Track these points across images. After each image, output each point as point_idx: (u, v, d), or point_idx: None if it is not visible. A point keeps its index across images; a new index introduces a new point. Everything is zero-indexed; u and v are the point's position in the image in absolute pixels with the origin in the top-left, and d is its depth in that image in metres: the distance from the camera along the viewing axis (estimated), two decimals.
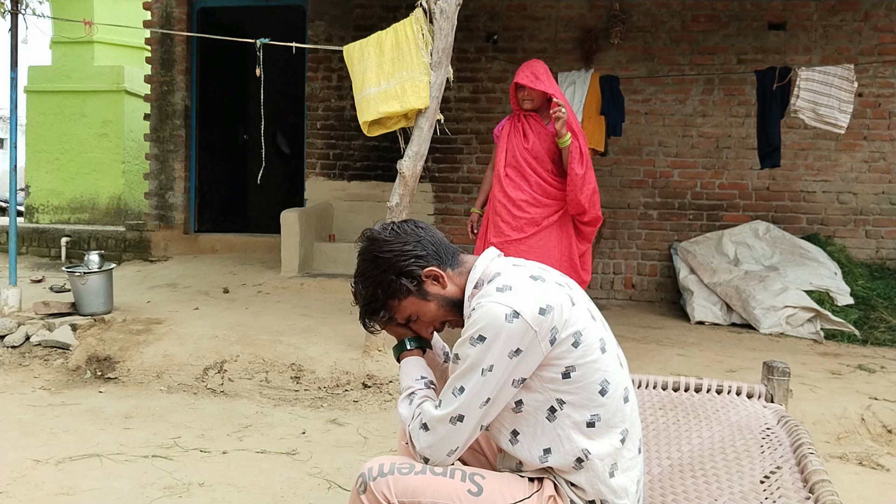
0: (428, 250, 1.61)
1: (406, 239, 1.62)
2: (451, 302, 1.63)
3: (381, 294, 1.62)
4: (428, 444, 1.53)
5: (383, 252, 1.60)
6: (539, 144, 3.90)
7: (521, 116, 3.98)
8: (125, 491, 2.80)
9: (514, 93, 3.93)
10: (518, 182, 3.91)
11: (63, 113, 9.53)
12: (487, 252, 1.67)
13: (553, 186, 3.90)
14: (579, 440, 1.50)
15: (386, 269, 1.60)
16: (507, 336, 1.44)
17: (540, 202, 3.88)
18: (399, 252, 1.60)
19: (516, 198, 3.89)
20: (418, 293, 1.61)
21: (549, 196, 3.90)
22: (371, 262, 1.62)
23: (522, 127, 3.96)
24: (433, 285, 1.62)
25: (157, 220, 7.66)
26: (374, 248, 1.62)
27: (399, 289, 1.60)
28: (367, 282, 1.63)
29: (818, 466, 1.56)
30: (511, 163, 3.96)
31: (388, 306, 1.64)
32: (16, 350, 4.63)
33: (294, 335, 4.59)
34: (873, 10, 6.35)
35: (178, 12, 7.47)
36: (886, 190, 6.42)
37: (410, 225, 1.66)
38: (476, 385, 1.48)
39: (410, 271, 1.59)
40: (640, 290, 6.71)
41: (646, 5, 6.66)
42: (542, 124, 3.92)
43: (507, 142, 3.98)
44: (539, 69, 3.86)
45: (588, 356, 1.49)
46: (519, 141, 3.95)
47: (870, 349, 5.05)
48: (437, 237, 1.66)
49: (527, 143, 3.93)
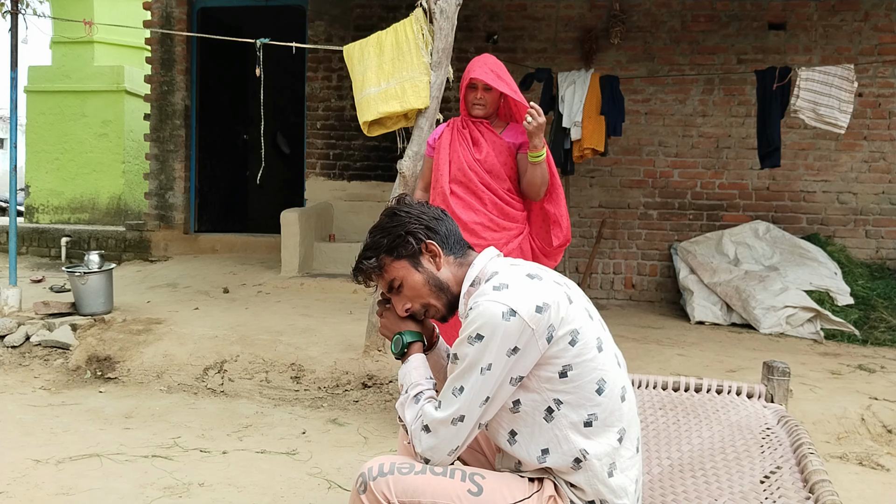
0: (440, 231, 1.69)
1: (427, 212, 1.71)
2: (439, 284, 1.66)
3: (384, 244, 1.66)
4: (429, 445, 1.54)
5: (402, 211, 1.70)
6: (494, 157, 3.25)
7: (468, 123, 3.32)
8: (125, 491, 2.80)
9: (465, 94, 3.28)
10: (469, 201, 3.24)
11: (63, 113, 9.53)
12: (487, 251, 1.69)
13: (512, 207, 3.28)
14: (577, 440, 1.51)
15: (398, 225, 1.67)
16: (505, 334, 1.45)
17: (499, 225, 3.23)
18: (416, 217, 1.68)
19: (469, 220, 3.21)
20: (413, 259, 1.66)
21: (509, 218, 3.26)
22: (389, 216, 1.71)
23: (471, 135, 3.30)
24: (429, 260, 1.66)
25: (157, 220, 7.66)
26: (398, 207, 1.72)
27: (400, 245, 1.65)
28: (377, 231, 1.70)
29: (818, 466, 1.56)
30: (458, 178, 3.28)
31: (381, 259, 1.67)
32: (16, 350, 4.63)
33: (294, 335, 4.59)
34: (873, 10, 6.35)
35: (178, 12, 7.47)
36: (886, 190, 6.42)
37: (437, 209, 1.75)
38: (475, 384, 1.48)
39: (416, 234, 1.66)
40: (640, 290, 6.71)
41: (646, 5, 6.66)
42: (495, 133, 3.29)
43: (449, 152, 3.30)
44: (499, 66, 3.22)
45: (585, 355, 1.50)
46: (467, 152, 3.28)
47: (870, 349, 5.05)
48: (454, 228, 1.73)
49: (478, 153, 3.27)
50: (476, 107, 3.26)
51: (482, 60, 3.22)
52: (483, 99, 3.23)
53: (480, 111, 3.26)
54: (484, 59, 3.22)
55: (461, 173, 3.26)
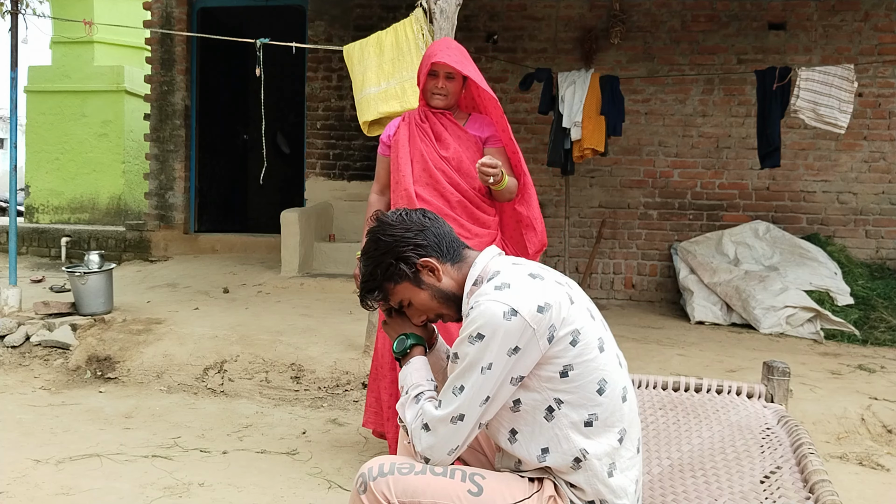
0: (429, 241, 1.64)
1: (409, 226, 1.65)
2: (445, 295, 1.65)
3: (378, 274, 1.65)
4: (429, 444, 1.54)
5: (385, 235, 1.65)
6: (462, 153, 2.91)
7: (428, 115, 2.96)
8: (125, 491, 2.80)
9: (425, 82, 2.92)
10: (438, 205, 2.87)
11: (63, 113, 9.53)
12: (488, 250, 1.69)
13: (484, 211, 2.95)
14: (577, 440, 1.51)
15: (385, 252, 1.64)
16: (506, 334, 1.45)
17: (471, 232, 2.87)
18: (400, 237, 1.63)
19: None
20: (413, 280, 1.64)
21: (481, 223, 2.93)
22: (374, 243, 1.66)
23: (433, 129, 2.95)
24: (428, 276, 1.64)
25: (157, 220, 7.66)
26: (379, 229, 1.67)
27: (395, 273, 1.63)
28: (368, 261, 1.67)
29: (818, 466, 1.56)
30: (422, 178, 2.90)
31: (383, 287, 1.67)
32: (16, 350, 4.63)
33: (294, 335, 4.59)
34: (873, 10, 6.35)
35: (178, 12, 7.47)
36: (886, 190, 6.42)
37: (418, 214, 1.69)
38: (476, 383, 1.48)
39: (407, 258, 1.62)
40: (640, 290, 6.71)
41: (646, 5, 6.66)
42: (459, 126, 2.96)
43: (410, 150, 2.94)
44: (462, 51, 2.90)
45: (586, 355, 1.50)
46: (430, 148, 2.92)
47: (870, 349, 5.05)
48: (444, 230, 1.68)
49: (444, 150, 2.92)
50: (437, 97, 2.91)
51: (444, 44, 2.91)
52: (445, 88, 2.89)
53: (442, 101, 2.92)
54: (446, 43, 2.92)
55: (426, 173, 2.90)
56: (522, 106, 6.81)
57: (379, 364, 3.02)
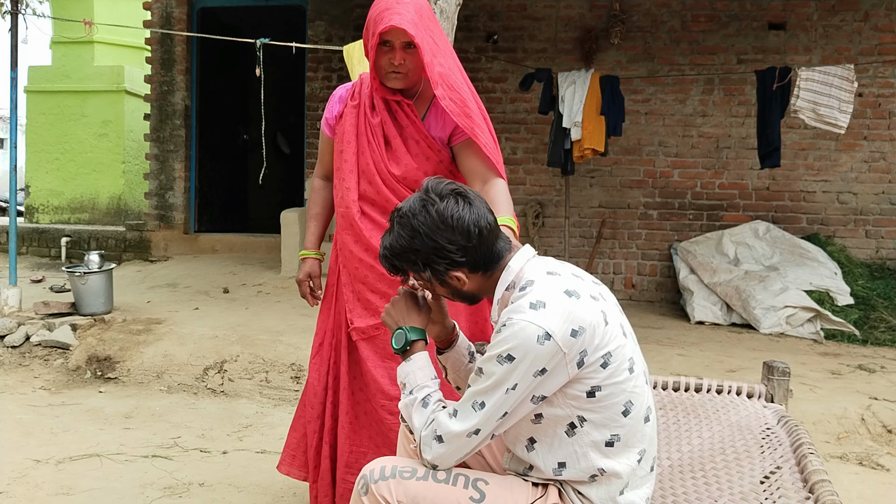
0: (468, 258, 1.52)
1: (454, 238, 1.49)
2: (464, 295, 1.60)
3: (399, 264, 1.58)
4: (440, 454, 1.51)
5: (424, 234, 1.50)
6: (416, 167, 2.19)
7: (380, 104, 2.20)
8: (125, 491, 2.80)
9: (375, 56, 2.14)
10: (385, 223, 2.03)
11: (63, 113, 9.52)
12: (523, 252, 1.58)
13: None
14: (596, 459, 1.49)
15: (416, 250, 1.52)
16: (536, 357, 1.41)
17: None
18: (439, 247, 1.50)
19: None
20: (435, 278, 1.56)
21: None
22: (409, 231, 1.51)
23: (384, 129, 2.20)
24: (454, 281, 1.56)
25: (157, 220, 7.66)
26: (422, 220, 1.50)
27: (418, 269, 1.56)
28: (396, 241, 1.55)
29: (818, 466, 1.56)
30: (368, 193, 2.21)
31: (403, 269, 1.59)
32: (16, 350, 4.63)
33: (294, 335, 4.59)
34: (873, 10, 6.35)
35: (178, 12, 7.47)
36: (886, 190, 6.42)
37: (472, 220, 1.50)
38: (497, 401, 1.45)
39: (436, 269, 1.53)
40: (640, 290, 6.71)
41: (646, 5, 6.66)
42: (419, 123, 2.19)
43: (356, 152, 2.22)
44: (421, 5, 2.12)
45: (616, 377, 1.46)
46: (379, 158, 2.19)
47: (870, 349, 5.05)
48: (490, 247, 1.54)
49: (394, 160, 2.20)
50: (393, 76, 2.13)
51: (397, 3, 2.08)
52: (405, 64, 2.10)
53: (401, 81, 2.14)
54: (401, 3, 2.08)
55: (372, 188, 2.20)
56: (522, 106, 6.81)
57: (310, 403, 2.35)
